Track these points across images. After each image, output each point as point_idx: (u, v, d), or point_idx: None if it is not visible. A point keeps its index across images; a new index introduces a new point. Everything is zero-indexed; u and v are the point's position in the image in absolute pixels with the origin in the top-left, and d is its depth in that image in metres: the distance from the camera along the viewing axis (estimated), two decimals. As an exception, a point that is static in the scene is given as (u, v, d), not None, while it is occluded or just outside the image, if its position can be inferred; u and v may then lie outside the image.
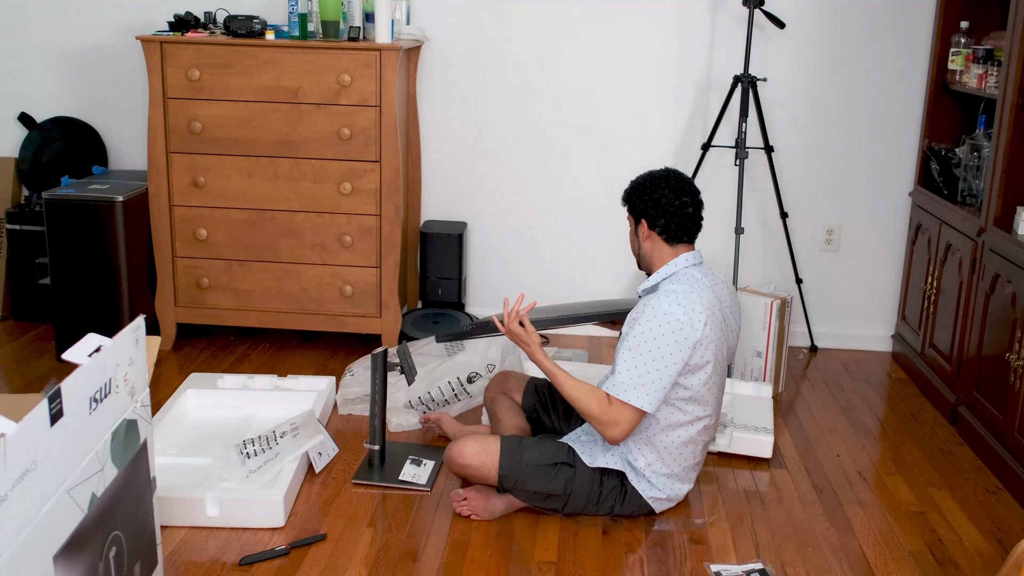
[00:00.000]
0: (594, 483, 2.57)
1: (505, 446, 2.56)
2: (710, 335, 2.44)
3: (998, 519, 2.74)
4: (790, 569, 2.44)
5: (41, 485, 1.56)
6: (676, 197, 2.51)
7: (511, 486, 2.55)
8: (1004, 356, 2.94)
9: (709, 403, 2.54)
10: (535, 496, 2.58)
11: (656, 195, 2.52)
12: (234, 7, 3.94)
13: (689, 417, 2.52)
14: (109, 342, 1.82)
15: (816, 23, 3.84)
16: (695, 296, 2.44)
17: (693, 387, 2.48)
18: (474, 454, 2.54)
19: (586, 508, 2.61)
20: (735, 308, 2.64)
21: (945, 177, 3.60)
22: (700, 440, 2.60)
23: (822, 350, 4.09)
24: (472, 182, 4.08)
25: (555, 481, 2.54)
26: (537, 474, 2.54)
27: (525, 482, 2.54)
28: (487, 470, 2.54)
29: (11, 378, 3.50)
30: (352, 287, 3.70)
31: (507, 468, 2.53)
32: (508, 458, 2.53)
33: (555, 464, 2.55)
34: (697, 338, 2.41)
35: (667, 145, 3.99)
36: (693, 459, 2.61)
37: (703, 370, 2.47)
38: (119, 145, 4.16)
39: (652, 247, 2.57)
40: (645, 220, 2.55)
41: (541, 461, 2.55)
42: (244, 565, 2.37)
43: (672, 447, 2.55)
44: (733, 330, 2.62)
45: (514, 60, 3.95)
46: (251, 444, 2.73)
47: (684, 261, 2.54)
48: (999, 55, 3.29)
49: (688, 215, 2.52)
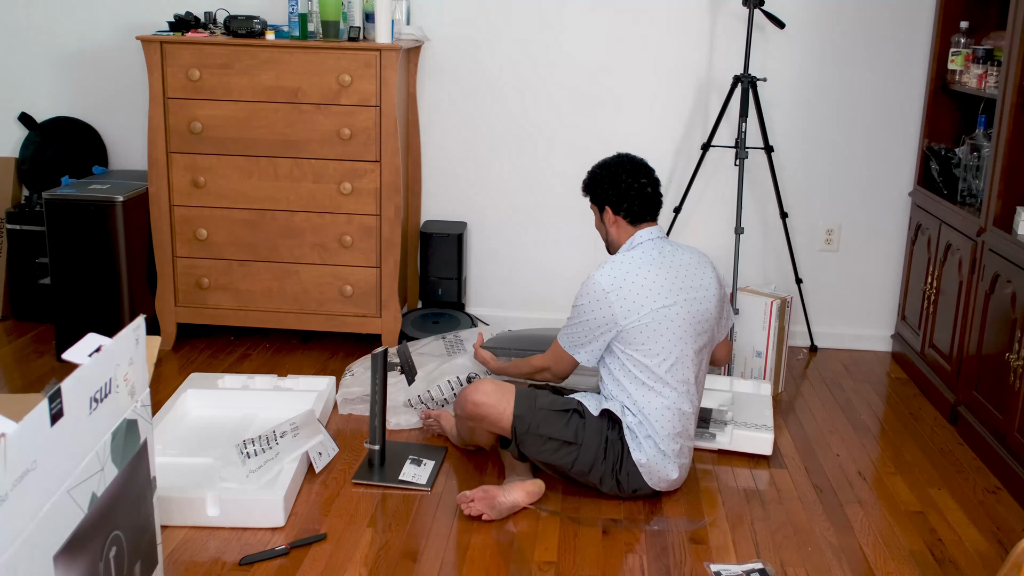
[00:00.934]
0: (601, 434, 2.63)
1: (520, 391, 2.68)
2: (640, 301, 2.57)
3: (998, 519, 2.74)
4: (790, 569, 2.45)
5: (41, 485, 1.56)
6: (635, 180, 2.69)
7: (525, 429, 2.61)
8: (1004, 356, 2.95)
9: (664, 357, 2.59)
10: (548, 445, 2.62)
11: (615, 181, 2.70)
12: (234, 7, 3.94)
13: (649, 375, 2.60)
14: (109, 342, 1.82)
15: (816, 23, 3.84)
16: (630, 266, 2.61)
17: (637, 342, 2.59)
18: (490, 392, 2.65)
19: (594, 466, 2.64)
20: (703, 273, 2.69)
21: (945, 177, 3.61)
22: (676, 408, 2.62)
23: (822, 350, 4.09)
24: (472, 182, 4.08)
25: (568, 428, 2.61)
26: (550, 418, 2.62)
27: (539, 425, 2.61)
28: (502, 409, 2.62)
29: (11, 378, 3.51)
30: (352, 287, 3.70)
31: (522, 408, 2.62)
32: (523, 400, 2.64)
33: (567, 411, 2.64)
34: (621, 304, 2.57)
35: (667, 145, 3.99)
36: (672, 427, 2.63)
37: (642, 331, 2.57)
38: (119, 145, 4.16)
39: (618, 231, 2.75)
40: (609, 207, 2.72)
41: (554, 406, 2.65)
42: (244, 565, 2.38)
43: (650, 407, 2.61)
44: (701, 294, 2.67)
45: (514, 60, 3.95)
46: (251, 444, 2.74)
47: (640, 237, 2.70)
48: (999, 55, 3.30)
49: (648, 195, 2.70)
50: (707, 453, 3.06)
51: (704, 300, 2.67)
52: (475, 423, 2.72)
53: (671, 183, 4.02)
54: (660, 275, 2.61)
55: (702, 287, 2.67)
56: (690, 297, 2.63)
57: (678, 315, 2.60)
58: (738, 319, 3.53)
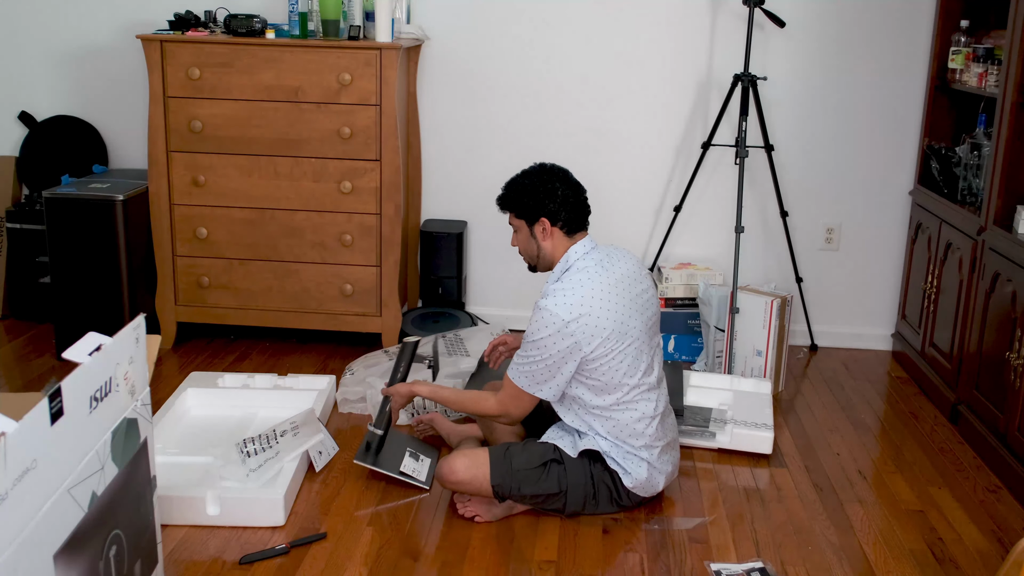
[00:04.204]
0: (585, 474, 2.58)
1: (493, 456, 2.57)
2: (601, 324, 2.46)
3: (998, 518, 2.74)
4: (790, 568, 2.45)
5: (41, 484, 1.56)
6: (569, 188, 2.56)
7: (507, 493, 2.56)
8: (1004, 355, 2.95)
9: (626, 372, 2.52)
10: (534, 500, 2.59)
11: (551, 190, 2.55)
12: (234, 6, 3.93)
13: (613, 399, 2.53)
14: (109, 341, 1.82)
15: (816, 22, 3.84)
16: (583, 291, 2.47)
17: (603, 365, 2.50)
18: (464, 469, 2.55)
19: (586, 506, 2.61)
20: (642, 276, 2.61)
21: (945, 176, 3.60)
22: (648, 416, 2.57)
23: (822, 349, 4.09)
24: (472, 181, 4.08)
25: (548, 480, 2.55)
26: (529, 477, 2.55)
27: (520, 487, 2.54)
28: (480, 482, 2.55)
29: (11, 377, 3.51)
30: (352, 286, 3.70)
31: (499, 477, 2.54)
32: (498, 467, 2.55)
33: (544, 464, 2.56)
34: (583, 332, 2.45)
35: (667, 144, 3.99)
36: (651, 438, 2.58)
37: (607, 353, 2.48)
38: (119, 144, 4.16)
39: (553, 244, 2.59)
40: (546, 218, 2.55)
41: (530, 464, 2.56)
42: (244, 564, 2.38)
43: (621, 423, 2.55)
44: (647, 297, 2.59)
45: (514, 59, 3.95)
46: (251, 443, 2.74)
47: (576, 252, 2.56)
48: (999, 54, 3.29)
49: (583, 202, 2.59)
50: (707, 452, 3.07)
51: (651, 303, 2.62)
52: (460, 493, 2.66)
53: (671, 182, 4.02)
54: (612, 293, 2.50)
55: (645, 290, 2.60)
56: (639, 304, 2.56)
57: (635, 327, 2.53)
58: (738, 318, 3.53)
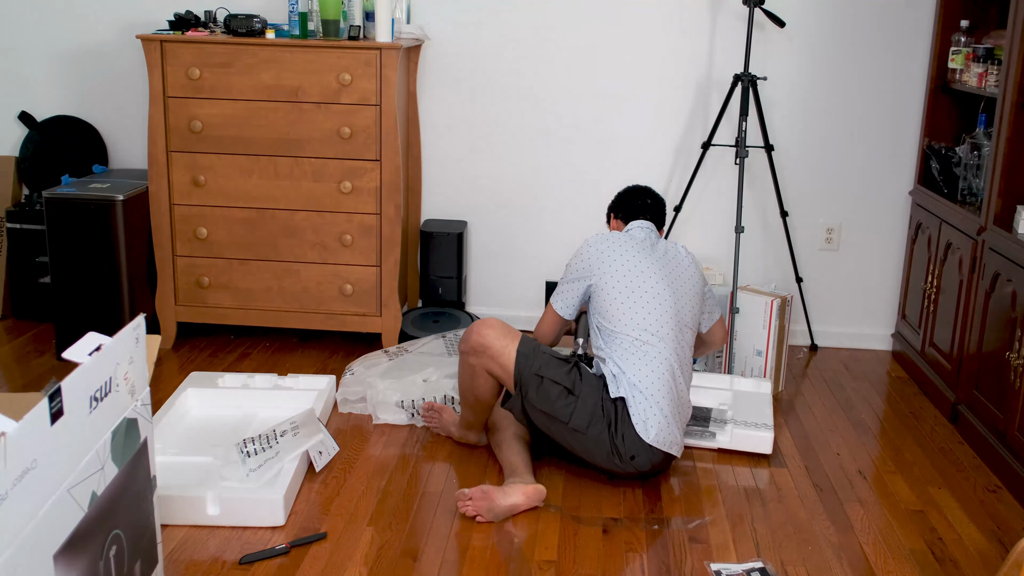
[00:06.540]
0: (597, 392, 2.71)
1: (525, 336, 2.80)
2: (610, 261, 2.83)
3: (998, 518, 2.74)
4: (790, 568, 2.45)
5: (41, 484, 1.56)
6: (638, 195, 3.09)
7: (527, 366, 2.69)
8: (1004, 355, 2.95)
9: (628, 324, 2.75)
10: (550, 390, 2.67)
11: (626, 195, 3.12)
12: (234, 6, 3.94)
13: (621, 345, 2.74)
14: (109, 341, 1.82)
15: (816, 22, 3.84)
16: (618, 236, 2.91)
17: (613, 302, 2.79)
18: (497, 326, 2.76)
19: (591, 424, 2.67)
20: (684, 263, 2.92)
21: (945, 176, 3.61)
22: (658, 368, 2.70)
23: (822, 349, 4.09)
24: (472, 181, 4.08)
25: (568, 376, 2.70)
26: (552, 363, 2.72)
27: (541, 367, 2.70)
28: (505, 344, 2.74)
29: (11, 377, 3.51)
30: (352, 286, 3.70)
31: (527, 347, 2.74)
32: (527, 342, 2.76)
33: (569, 361, 2.77)
34: (598, 257, 2.84)
35: (667, 144, 3.99)
36: (659, 394, 2.68)
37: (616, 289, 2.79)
38: (119, 144, 4.16)
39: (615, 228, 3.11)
40: (612, 212, 3.12)
41: (557, 355, 2.77)
42: (244, 564, 2.38)
43: (630, 362, 2.71)
44: (679, 274, 2.88)
45: (514, 59, 3.95)
46: (251, 443, 2.74)
47: (631, 226, 3.01)
48: (999, 54, 3.29)
49: (647, 204, 3.07)
50: (707, 452, 3.07)
51: (683, 281, 2.87)
52: (477, 358, 2.76)
53: (671, 182, 4.02)
54: (642, 252, 2.85)
55: (680, 270, 2.89)
56: (666, 274, 2.83)
57: (653, 288, 2.78)
58: (739, 318, 3.53)
